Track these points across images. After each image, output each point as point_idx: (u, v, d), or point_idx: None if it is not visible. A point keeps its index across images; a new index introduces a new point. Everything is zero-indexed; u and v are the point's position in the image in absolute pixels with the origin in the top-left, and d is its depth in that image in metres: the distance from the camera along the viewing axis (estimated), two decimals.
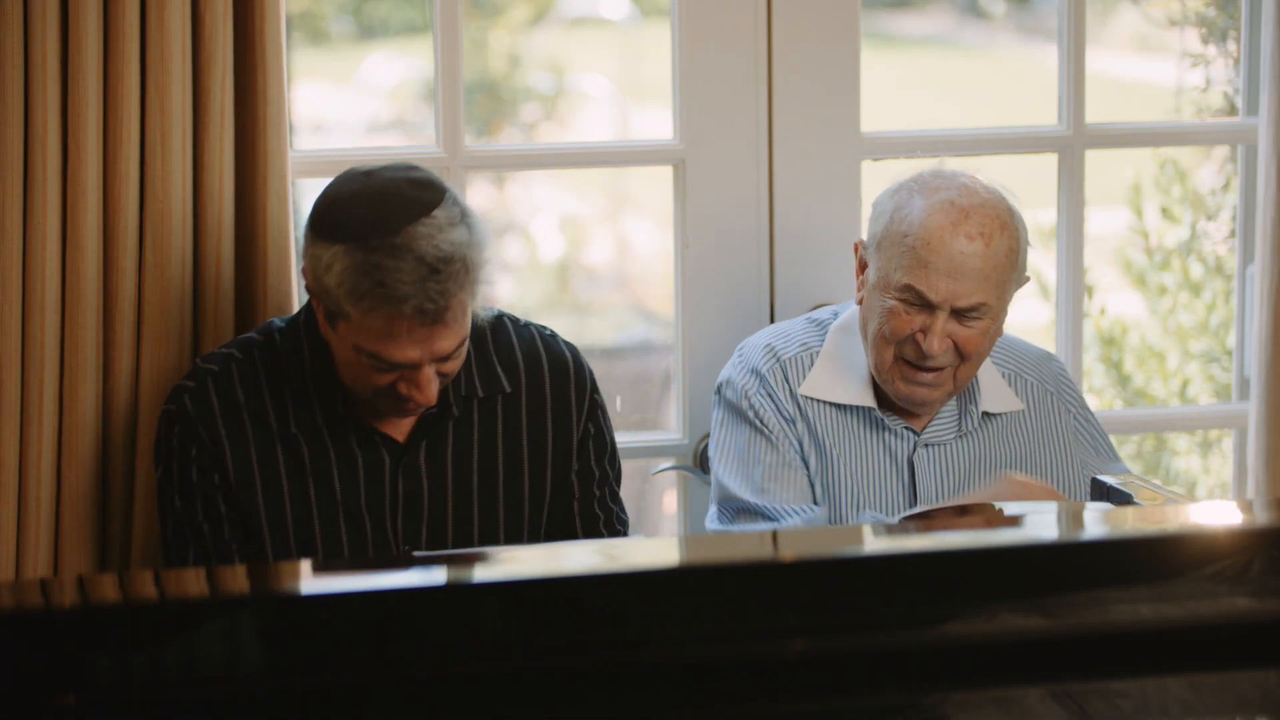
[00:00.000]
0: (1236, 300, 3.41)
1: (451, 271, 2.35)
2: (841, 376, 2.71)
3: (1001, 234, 2.60)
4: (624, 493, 2.77)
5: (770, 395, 2.71)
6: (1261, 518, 1.91)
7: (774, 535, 2.34)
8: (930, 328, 2.59)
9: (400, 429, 2.54)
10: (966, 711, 1.70)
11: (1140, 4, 4.25)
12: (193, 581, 1.78)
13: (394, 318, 2.35)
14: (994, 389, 2.75)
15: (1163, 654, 1.72)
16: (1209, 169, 4.28)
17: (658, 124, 2.61)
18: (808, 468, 2.70)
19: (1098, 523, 1.96)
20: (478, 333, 2.56)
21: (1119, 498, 2.59)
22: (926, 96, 4.80)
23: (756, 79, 3.12)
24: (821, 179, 3.13)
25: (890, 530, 2.12)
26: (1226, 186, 4.11)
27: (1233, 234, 3.66)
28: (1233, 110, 3.77)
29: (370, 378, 2.42)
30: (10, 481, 2.67)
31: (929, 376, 2.63)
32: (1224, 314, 4.18)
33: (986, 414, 2.74)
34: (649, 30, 4.80)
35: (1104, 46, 4.40)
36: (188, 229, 2.69)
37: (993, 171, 2.75)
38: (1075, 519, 2.10)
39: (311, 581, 1.75)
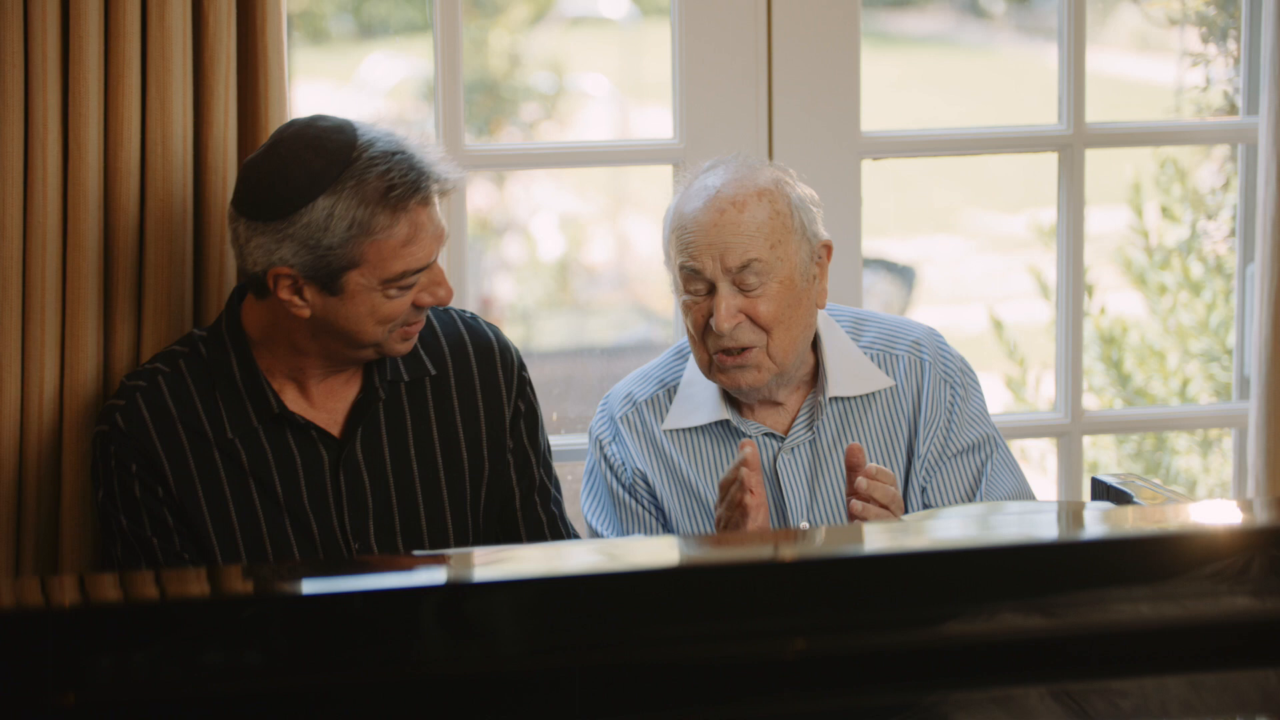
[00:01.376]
0: (1236, 300, 3.41)
1: (428, 154, 2.44)
2: (697, 401, 2.74)
3: (758, 200, 2.63)
4: None
5: (623, 445, 2.75)
6: (1261, 518, 1.91)
7: (774, 535, 2.34)
8: (716, 305, 2.61)
9: (334, 420, 2.54)
10: (966, 711, 1.70)
11: (1140, 3, 4.26)
12: (193, 581, 1.78)
13: (415, 215, 2.41)
14: (851, 371, 2.72)
15: (1163, 654, 1.72)
16: (1209, 168, 4.28)
17: (658, 123, 2.62)
18: (664, 518, 2.73)
19: (1098, 523, 1.96)
20: None
21: (1119, 498, 2.59)
22: (926, 96, 4.81)
23: (756, 79, 3.12)
24: (821, 178, 3.12)
25: (890, 530, 2.12)
26: (1226, 186, 4.11)
27: (1233, 233, 3.66)
28: (1233, 109, 3.77)
29: (397, 309, 2.44)
30: (10, 481, 2.67)
31: (740, 359, 2.63)
32: (1224, 314, 4.18)
33: (838, 399, 2.71)
34: (649, 30, 4.80)
35: (1104, 46, 4.40)
36: (188, 229, 2.69)
37: (993, 171, 2.75)
38: (1075, 519, 2.10)
39: (311, 582, 1.75)
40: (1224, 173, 4.16)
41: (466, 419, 2.60)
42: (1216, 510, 1.92)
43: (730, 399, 2.72)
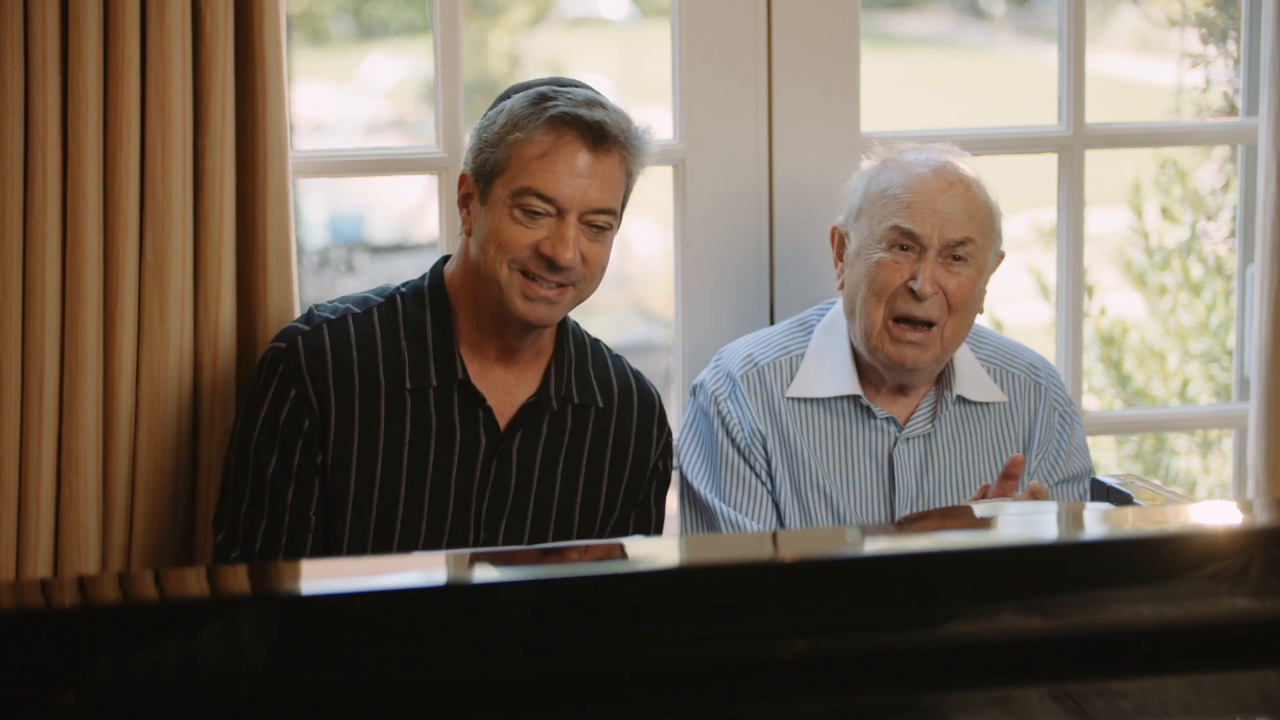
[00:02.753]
0: (1236, 300, 3.40)
1: (611, 112, 2.51)
2: (826, 372, 2.73)
3: (979, 187, 2.69)
4: None
5: (741, 404, 2.73)
6: (1261, 518, 1.91)
7: (774, 535, 2.34)
8: (920, 271, 2.63)
9: (504, 412, 2.57)
10: (966, 711, 1.70)
11: (1140, 4, 4.26)
12: (193, 581, 1.78)
13: (560, 133, 2.47)
14: (973, 377, 2.76)
15: (1163, 654, 1.72)
16: (1209, 169, 4.28)
17: (658, 124, 2.62)
18: (773, 485, 2.72)
19: (1098, 523, 1.96)
20: (582, 343, 2.67)
21: (1119, 498, 2.59)
22: (926, 96, 4.81)
23: (756, 79, 3.12)
24: (821, 179, 3.12)
25: (890, 530, 2.12)
26: (1226, 186, 4.11)
27: (1233, 234, 3.66)
28: (1233, 110, 3.77)
29: (515, 238, 2.47)
30: (10, 481, 2.67)
31: (919, 335, 2.64)
32: (1224, 314, 4.18)
33: (963, 400, 2.74)
34: (649, 30, 4.80)
35: (1104, 46, 4.40)
36: (188, 229, 2.69)
37: (993, 171, 2.77)
38: (1075, 519, 2.10)
39: (311, 582, 1.75)
40: (1224, 173, 4.16)
41: (615, 459, 2.65)
42: (1216, 511, 1.92)
43: (860, 377, 2.72)
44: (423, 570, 1.79)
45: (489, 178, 2.50)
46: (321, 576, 1.78)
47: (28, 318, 2.64)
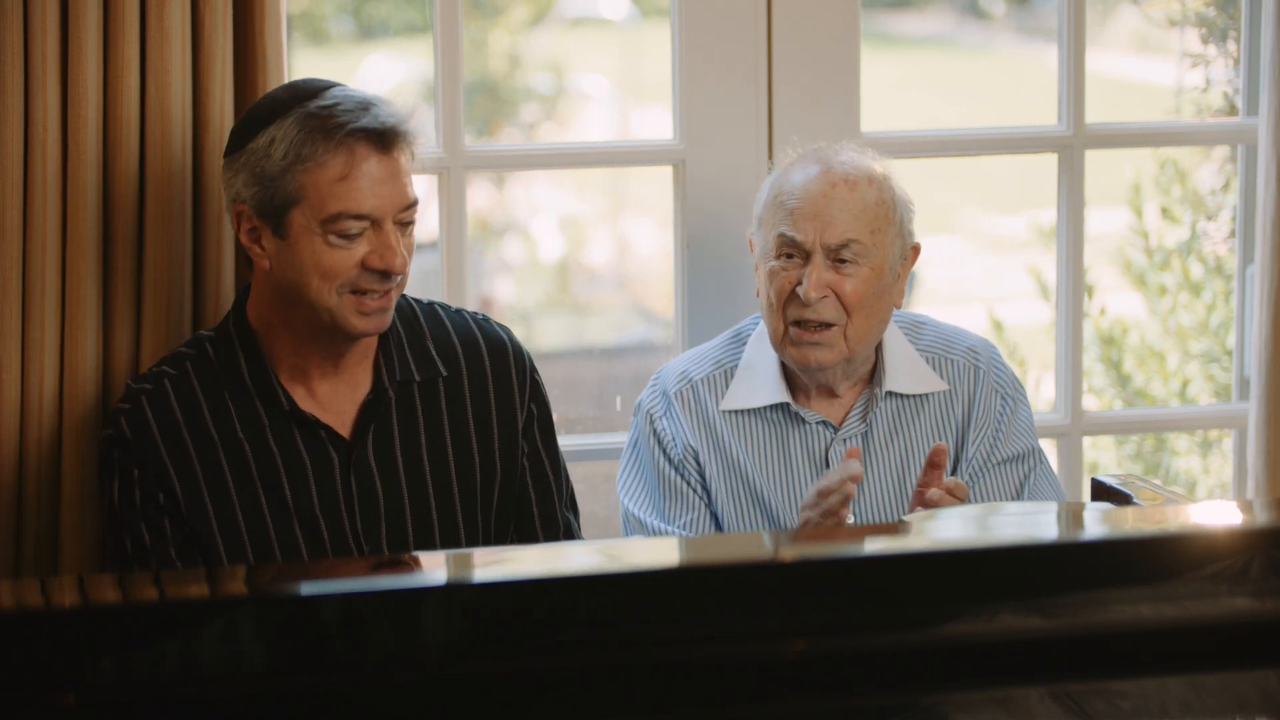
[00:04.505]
0: (1236, 300, 3.40)
1: (383, 107, 2.43)
2: (757, 382, 2.76)
3: (869, 185, 2.68)
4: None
5: (675, 421, 2.76)
6: (1261, 518, 1.91)
7: (774, 535, 2.35)
8: (805, 276, 2.64)
9: (344, 421, 2.52)
10: (966, 711, 1.70)
11: (1140, 4, 4.26)
12: (193, 581, 1.78)
13: (352, 149, 2.39)
14: (907, 371, 2.76)
15: (1163, 654, 1.72)
16: (1209, 169, 4.28)
17: (658, 124, 2.62)
18: (709, 498, 2.73)
19: (1098, 523, 1.96)
20: (408, 315, 2.58)
21: (1119, 498, 2.59)
22: (926, 96, 4.81)
23: (756, 79, 3.12)
24: None
25: (890, 530, 2.12)
26: (1226, 186, 4.11)
27: (1233, 234, 3.66)
28: (1233, 110, 3.77)
29: (339, 262, 2.40)
30: (10, 482, 2.67)
31: (817, 336, 2.65)
32: (1224, 314, 4.18)
33: (895, 394, 2.74)
34: (649, 30, 4.80)
35: (1104, 46, 4.40)
36: (187, 229, 2.69)
37: (992, 171, 2.76)
38: (1075, 519, 2.10)
39: (311, 582, 1.75)
40: (1224, 174, 4.16)
41: (479, 420, 2.58)
42: (1216, 511, 1.92)
43: (790, 385, 2.73)
44: (422, 570, 1.79)
45: (279, 211, 2.41)
46: (321, 576, 1.78)
47: (28, 318, 2.64)
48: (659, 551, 1.91)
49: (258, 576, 1.82)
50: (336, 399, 2.53)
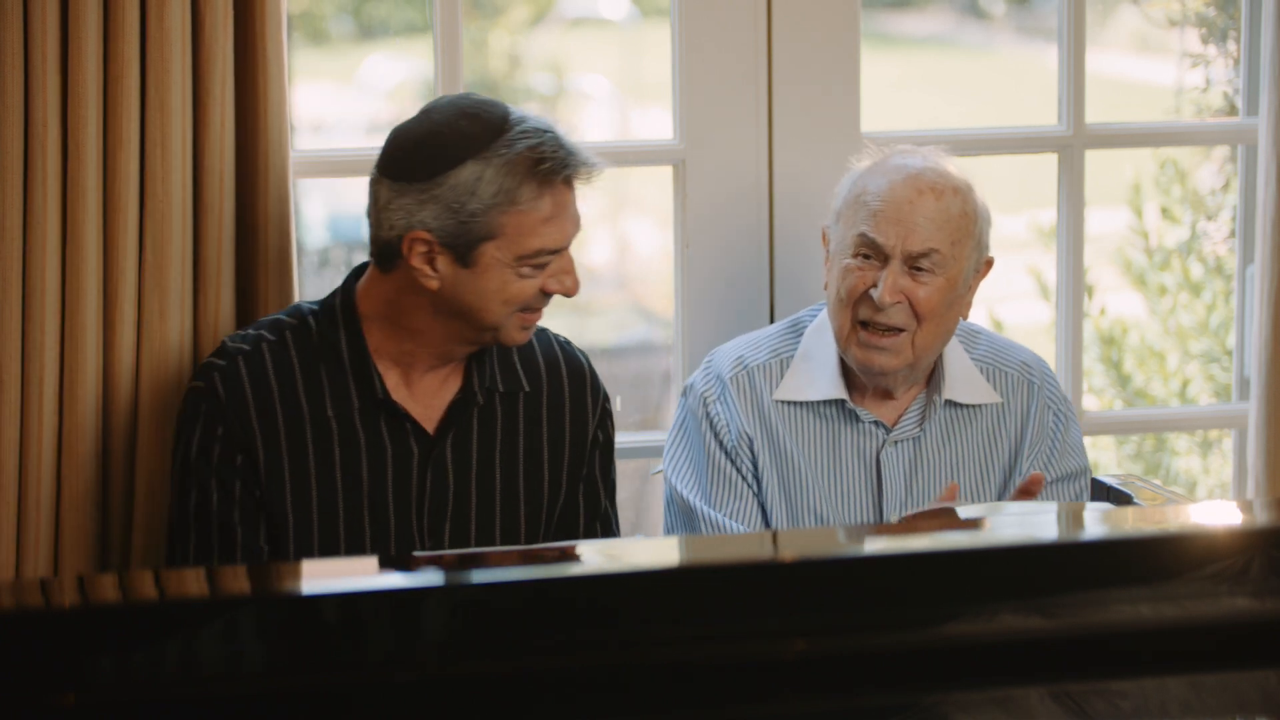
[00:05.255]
0: (1236, 300, 3.40)
1: (580, 147, 2.50)
2: (814, 375, 2.74)
3: (954, 195, 2.67)
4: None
5: (729, 406, 2.74)
6: (1261, 518, 1.91)
7: (774, 535, 2.34)
8: (882, 279, 2.63)
9: (430, 416, 2.55)
10: (966, 711, 1.70)
11: (1140, 4, 4.26)
12: (193, 581, 1.78)
13: (560, 192, 2.46)
14: (964, 380, 2.76)
15: (1163, 654, 1.72)
16: (1209, 169, 4.28)
17: (658, 124, 2.62)
18: (759, 487, 2.72)
19: (1098, 523, 1.96)
20: None
21: (1119, 498, 2.59)
22: (926, 96, 4.81)
23: (756, 79, 3.12)
24: (821, 179, 3.12)
25: (890, 530, 2.12)
26: (1226, 186, 4.11)
27: (1233, 234, 3.66)
28: (1233, 110, 3.77)
29: (525, 290, 2.46)
30: (10, 482, 2.67)
31: (885, 340, 2.65)
32: (1224, 314, 4.18)
33: (953, 403, 2.74)
34: (649, 30, 4.80)
35: (1104, 46, 4.40)
36: (188, 229, 2.69)
37: (992, 171, 2.77)
38: (1075, 519, 2.10)
39: (311, 581, 1.75)
40: (1224, 174, 4.16)
41: (553, 440, 2.62)
42: (1216, 511, 1.92)
43: (847, 381, 2.73)
44: (422, 570, 1.79)
45: (471, 244, 2.44)
46: (321, 576, 1.78)
47: (28, 318, 2.64)
48: (659, 551, 1.91)
49: (258, 576, 1.82)
50: (428, 394, 2.56)
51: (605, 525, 2.70)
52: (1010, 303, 4.64)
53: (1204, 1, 3.96)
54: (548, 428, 2.62)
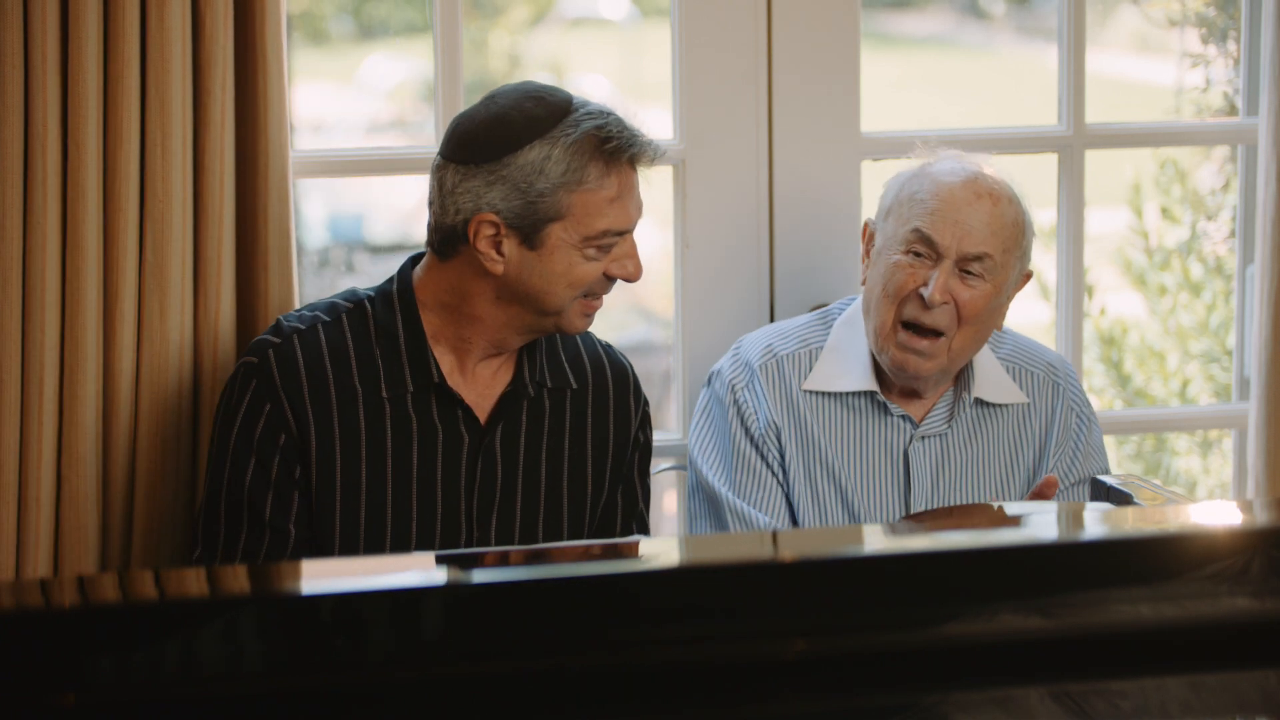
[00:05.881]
0: (1236, 300, 3.40)
1: (643, 131, 2.51)
2: (844, 367, 2.74)
3: (1010, 203, 2.67)
4: None
5: (758, 394, 2.74)
6: (1261, 518, 1.91)
7: (774, 535, 2.34)
8: (933, 278, 2.63)
9: (482, 405, 2.56)
10: (966, 711, 1.70)
11: (1140, 4, 4.26)
12: (193, 581, 1.78)
13: (625, 172, 2.48)
14: (992, 379, 2.77)
15: (1163, 654, 1.72)
16: (1209, 169, 4.28)
17: (658, 124, 2.62)
18: (785, 476, 2.72)
19: (1098, 523, 1.96)
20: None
21: (1119, 498, 2.59)
22: (926, 96, 4.81)
23: (756, 79, 3.12)
24: (821, 179, 3.13)
25: (890, 530, 2.12)
26: (1226, 186, 4.11)
27: (1233, 234, 3.66)
28: (1233, 110, 3.77)
29: (590, 273, 2.48)
30: (10, 482, 2.67)
31: (924, 344, 2.65)
32: (1224, 314, 4.18)
33: (981, 402, 2.75)
34: (649, 30, 4.80)
35: (1104, 46, 4.40)
36: (188, 229, 2.69)
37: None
38: (1075, 519, 2.10)
39: (311, 581, 1.75)
40: (1224, 174, 4.16)
41: (596, 439, 2.64)
42: (1216, 511, 1.92)
43: (877, 374, 2.73)
44: (423, 570, 1.79)
45: (538, 225, 2.45)
46: (321, 576, 1.78)
47: (28, 318, 2.64)
48: (659, 551, 1.91)
49: (258, 576, 1.82)
50: (481, 383, 2.57)
51: (640, 527, 2.71)
52: (1010, 303, 4.64)
53: (1204, 1, 3.96)
54: (592, 426, 2.64)
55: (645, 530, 2.73)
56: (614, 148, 2.46)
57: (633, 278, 2.52)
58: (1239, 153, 3.41)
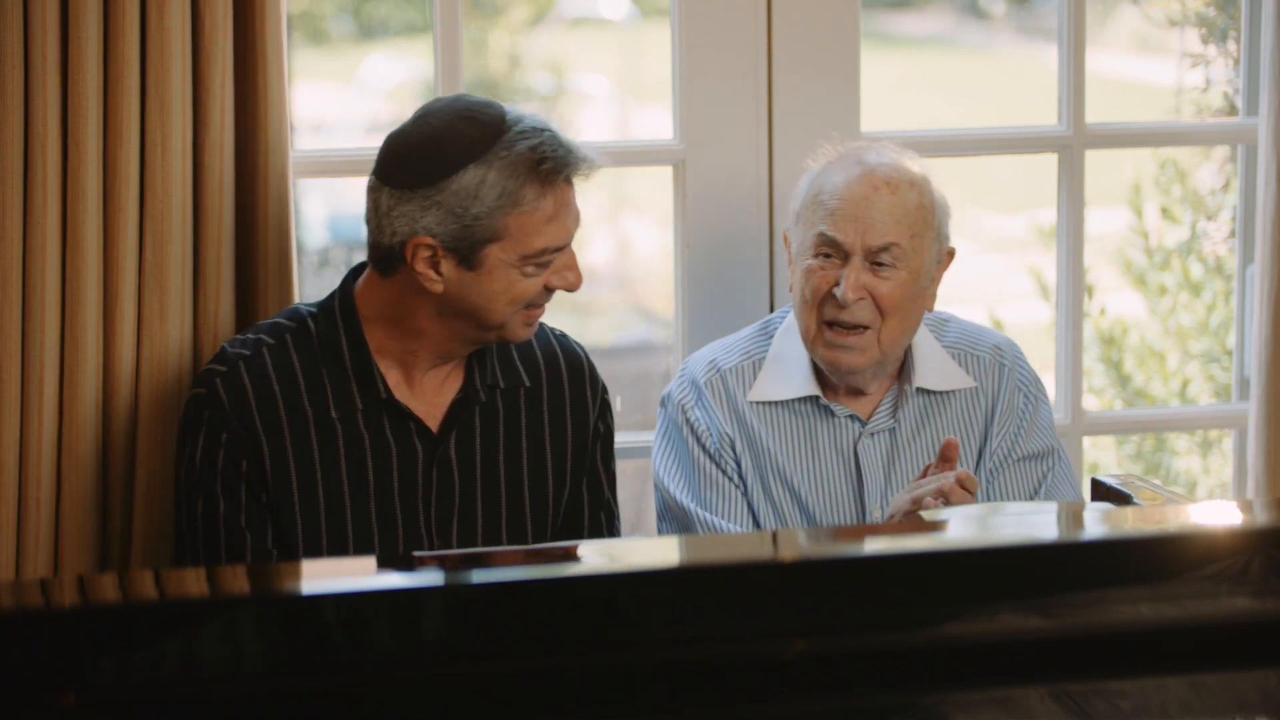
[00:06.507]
0: (1236, 300, 3.40)
1: (579, 145, 2.50)
2: (786, 374, 2.76)
3: (910, 188, 2.68)
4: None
5: (707, 410, 2.76)
6: (1261, 518, 1.91)
7: (774, 535, 2.34)
8: (844, 277, 2.65)
9: (433, 414, 2.56)
10: (966, 711, 1.70)
11: (1140, 4, 4.26)
12: (193, 581, 1.78)
13: (562, 190, 2.47)
14: (935, 367, 2.77)
15: (1163, 654, 1.72)
16: (1209, 169, 4.28)
17: (658, 124, 2.62)
18: (745, 486, 2.73)
19: (1098, 523, 1.96)
20: None
21: (1119, 498, 2.59)
22: (926, 96, 4.81)
23: (756, 79, 3.12)
24: None
25: (890, 531, 2.12)
26: (1226, 186, 4.11)
27: (1233, 234, 3.66)
28: (1233, 110, 3.77)
29: (530, 289, 2.48)
30: (10, 482, 2.67)
31: (851, 338, 2.66)
32: (1224, 314, 4.18)
33: (926, 391, 2.76)
34: (649, 30, 4.80)
35: (1104, 46, 4.40)
36: (188, 229, 2.69)
37: (993, 171, 2.77)
38: (1075, 519, 2.10)
39: (311, 582, 1.75)
40: (1224, 174, 4.16)
41: (555, 433, 2.64)
42: (1216, 511, 1.92)
43: (818, 378, 2.74)
44: (422, 571, 1.79)
45: (475, 247, 2.44)
46: (321, 576, 1.78)
47: (28, 318, 2.64)
48: (659, 551, 1.91)
49: (258, 576, 1.82)
50: (430, 392, 2.56)
51: (609, 516, 2.71)
52: (1010, 303, 4.64)
53: (1204, 1, 3.96)
54: (549, 422, 2.63)
55: (614, 518, 2.72)
56: (549, 168, 2.45)
57: (573, 287, 2.52)
58: (1239, 153, 3.41)
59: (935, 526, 2.14)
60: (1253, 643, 1.73)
